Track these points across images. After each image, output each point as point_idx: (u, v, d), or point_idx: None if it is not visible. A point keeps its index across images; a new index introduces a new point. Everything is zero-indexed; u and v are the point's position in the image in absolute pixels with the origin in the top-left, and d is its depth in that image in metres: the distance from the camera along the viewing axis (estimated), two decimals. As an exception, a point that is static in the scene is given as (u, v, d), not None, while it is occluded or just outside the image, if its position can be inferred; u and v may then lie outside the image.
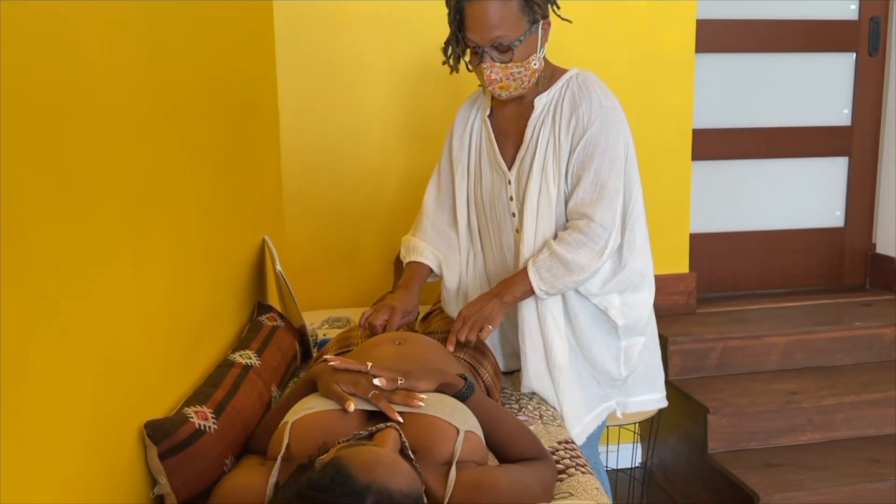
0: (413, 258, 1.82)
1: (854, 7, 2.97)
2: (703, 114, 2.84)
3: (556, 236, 1.66)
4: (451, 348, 1.58)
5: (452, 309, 1.87)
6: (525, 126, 1.69)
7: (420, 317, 2.10)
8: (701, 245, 2.96)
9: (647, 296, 1.76)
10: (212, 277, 1.56)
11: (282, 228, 2.48)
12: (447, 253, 1.85)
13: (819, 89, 3.01)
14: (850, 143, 3.05)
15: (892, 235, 3.03)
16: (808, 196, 3.08)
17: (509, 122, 1.73)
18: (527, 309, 1.70)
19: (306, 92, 2.45)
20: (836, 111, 3.03)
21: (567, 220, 1.67)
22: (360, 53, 2.45)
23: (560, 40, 1.66)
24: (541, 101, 1.67)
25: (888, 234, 3.05)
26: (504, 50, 1.56)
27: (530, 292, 1.63)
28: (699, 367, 2.62)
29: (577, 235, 1.61)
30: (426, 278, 1.83)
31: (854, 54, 2.99)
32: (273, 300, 2.14)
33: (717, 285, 3.04)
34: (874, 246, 3.13)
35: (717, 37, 2.85)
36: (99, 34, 1.01)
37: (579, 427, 1.73)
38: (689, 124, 2.68)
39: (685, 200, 2.74)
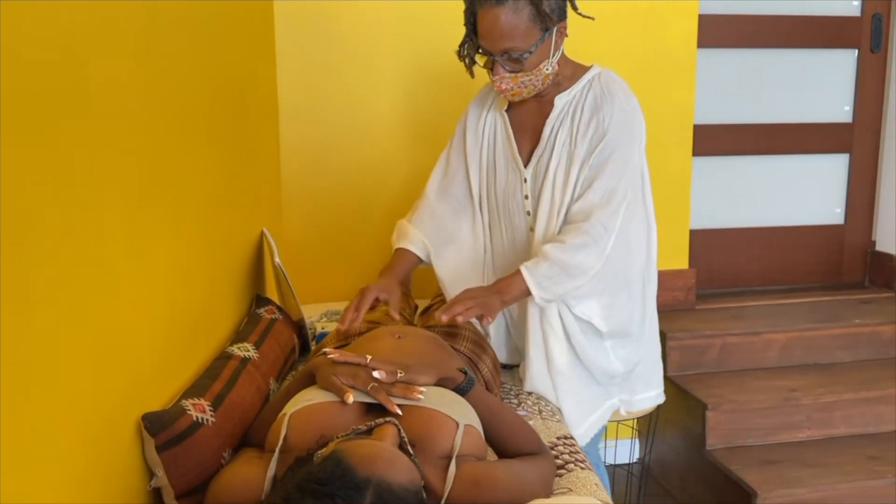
0: (401, 244, 1.78)
1: (856, 3, 2.96)
2: (704, 109, 2.83)
3: (553, 239, 1.61)
4: (445, 319, 1.50)
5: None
6: (543, 123, 1.66)
7: (419, 311, 2.10)
8: (701, 241, 2.95)
9: (624, 300, 1.70)
10: (210, 270, 1.55)
11: (280, 221, 2.47)
12: (440, 243, 1.79)
13: (820, 86, 3.00)
14: (851, 140, 3.04)
15: (892, 233, 3.03)
16: (809, 193, 3.07)
17: (527, 118, 1.70)
18: (531, 309, 1.68)
19: (306, 88, 2.45)
20: (838, 108, 3.02)
21: (568, 220, 1.63)
22: (360, 52, 2.45)
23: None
24: (561, 100, 1.64)
25: (888, 231, 3.05)
26: (515, 59, 1.53)
27: (528, 294, 1.60)
28: (698, 364, 2.62)
29: (580, 237, 1.57)
30: (412, 266, 1.78)
31: (856, 51, 2.98)
32: (271, 293, 2.13)
33: (716, 281, 3.03)
34: (874, 243, 3.12)
35: (719, 32, 2.84)
36: (100, 30, 1.00)
37: (582, 428, 1.73)
38: (690, 120, 2.67)
39: (685, 196, 2.73)
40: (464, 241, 1.82)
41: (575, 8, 1.59)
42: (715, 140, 2.92)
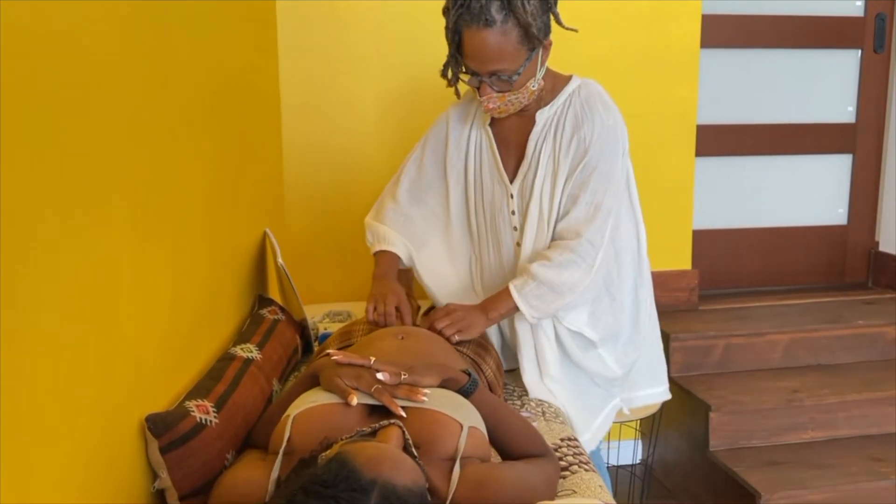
0: (384, 247, 1.78)
1: (860, 4, 2.95)
2: (707, 109, 2.83)
3: (540, 256, 1.62)
4: (426, 327, 1.57)
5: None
6: (527, 139, 1.65)
7: (421, 312, 2.10)
8: (704, 241, 2.95)
9: (607, 305, 1.71)
10: (213, 270, 1.55)
11: (283, 221, 2.47)
12: (415, 246, 1.81)
13: (824, 86, 2.99)
14: (855, 141, 3.04)
15: (895, 233, 3.02)
16: (812, 193, 3.07)
17: (510, 133, 1.69)
18: (522, 323, 1.69)
19: (308, 88, 2.45)
20: (841, 108, 3.02)
21: (555, 238, 1.64)
22: (363, 52, 2.45)
23: (565, 35, 1.64)
24: (542, 116, 1.63)
25: (891, 232, 3.04)
26: (503, 80, 1.51)
27: (516, 311, 1.62)
28: (701, 364, 2.61)
29: (566, 254, 1.59)
30: (398, 267, 1.79)
31: (859, 51, 2.98)
32: (274, 293, 2.13)
33: (719, 282, 3.03)
34: (877, 244, 3.12)
35: (722, 32, 2.84)
36: (103, 30, 1.00)
37: (589, 433, 1.73)
38: (693, 120, 2.67)
39: (688, 196, 2.73)
40: (434, 249, 1.82)
41: (559, 22, 1.57)
42: (718, 140, 2.91)
